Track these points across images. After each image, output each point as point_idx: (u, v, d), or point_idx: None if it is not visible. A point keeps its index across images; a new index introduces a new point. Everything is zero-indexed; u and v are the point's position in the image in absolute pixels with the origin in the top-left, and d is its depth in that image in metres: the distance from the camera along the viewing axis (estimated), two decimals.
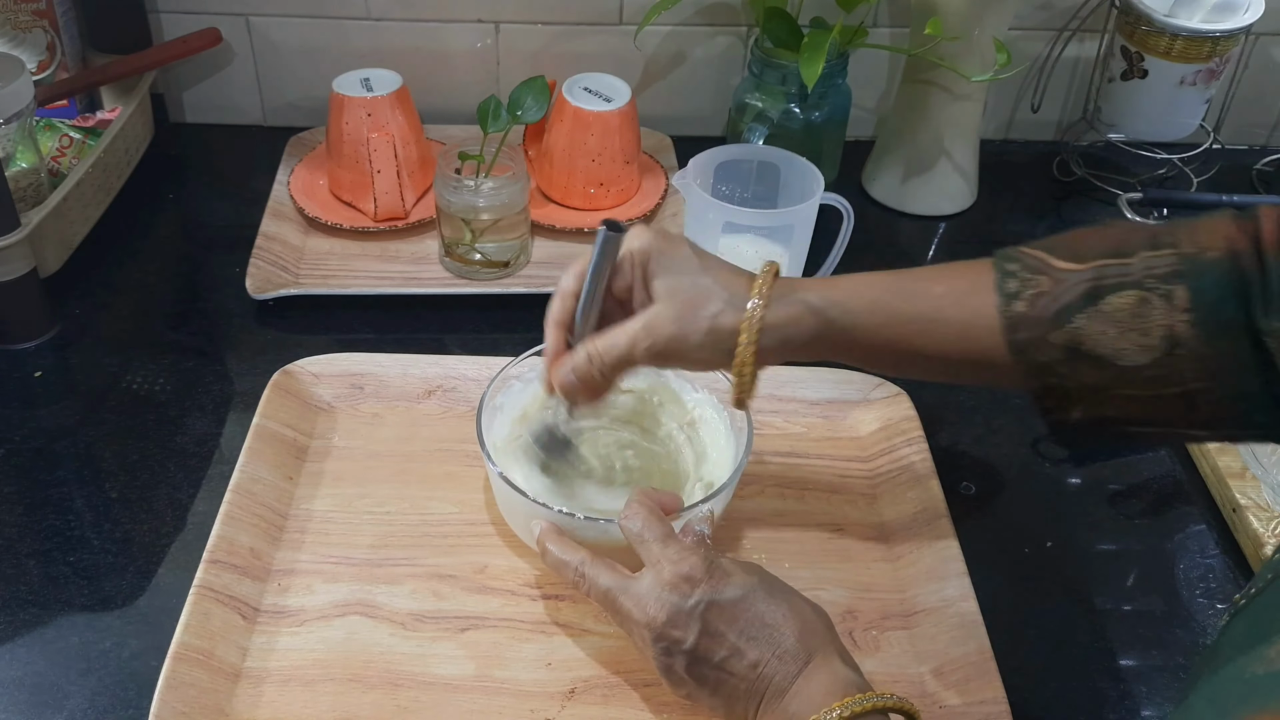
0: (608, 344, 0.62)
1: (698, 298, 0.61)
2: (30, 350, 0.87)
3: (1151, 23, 0.98)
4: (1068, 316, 0.56)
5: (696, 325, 0.61)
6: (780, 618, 0.57)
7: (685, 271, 0.62)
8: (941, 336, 0.60)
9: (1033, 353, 0.57)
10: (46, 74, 1.02)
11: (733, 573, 0.58)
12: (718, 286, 0.61)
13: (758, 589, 0.58)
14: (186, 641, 0.64)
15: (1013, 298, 0.58)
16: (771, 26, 0.96)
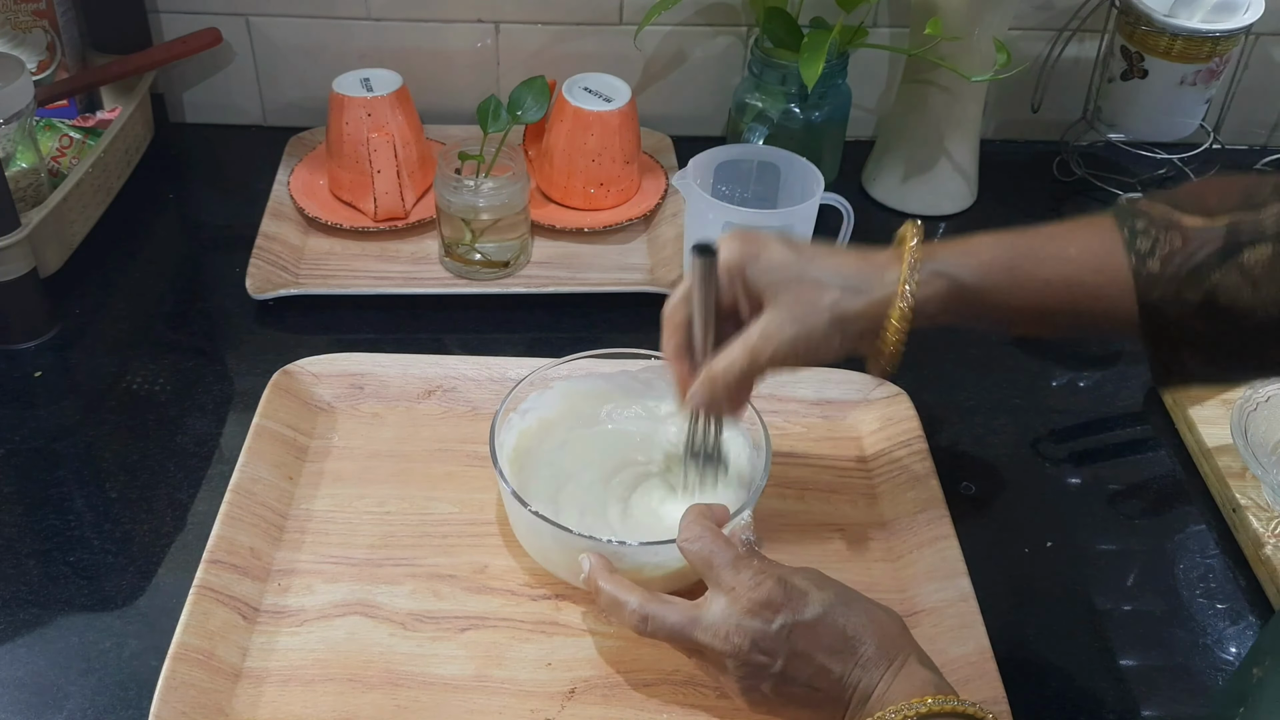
0: (726, 364, 0.61)
1: (810, 292, 0.60)
2: (30, 350, 0.87)
3: (1151, 23, 0.98)
4: (1204, 275, 0.55)
5: (818, 319, 0.60)
6: (860, 628, 0.57)
7: (786, 268, 0.61)
8: (1074, 299, 0.59)
9: (1166, 311, 0.56)
10: (46, 74, 1.02)
11: (808, 590, 0.58)
12: (826, 274, 0.60)
13: (835, 604, 0.58)
14: (186, 641, 0.64)
15: (1146, 257, 0.57)
16: (771, 26, 0.96)
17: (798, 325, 0.60)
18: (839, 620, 0.57)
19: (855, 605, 0.58)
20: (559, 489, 0.71)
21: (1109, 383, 0.89)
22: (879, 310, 0.60)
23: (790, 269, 0.61)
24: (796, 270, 0.60)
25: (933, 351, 0.91)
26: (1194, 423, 0.82)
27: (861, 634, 0.57)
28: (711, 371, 0.62)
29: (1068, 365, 0.91)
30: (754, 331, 0.61)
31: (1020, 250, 0.60)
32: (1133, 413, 0.87)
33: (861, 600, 0.59)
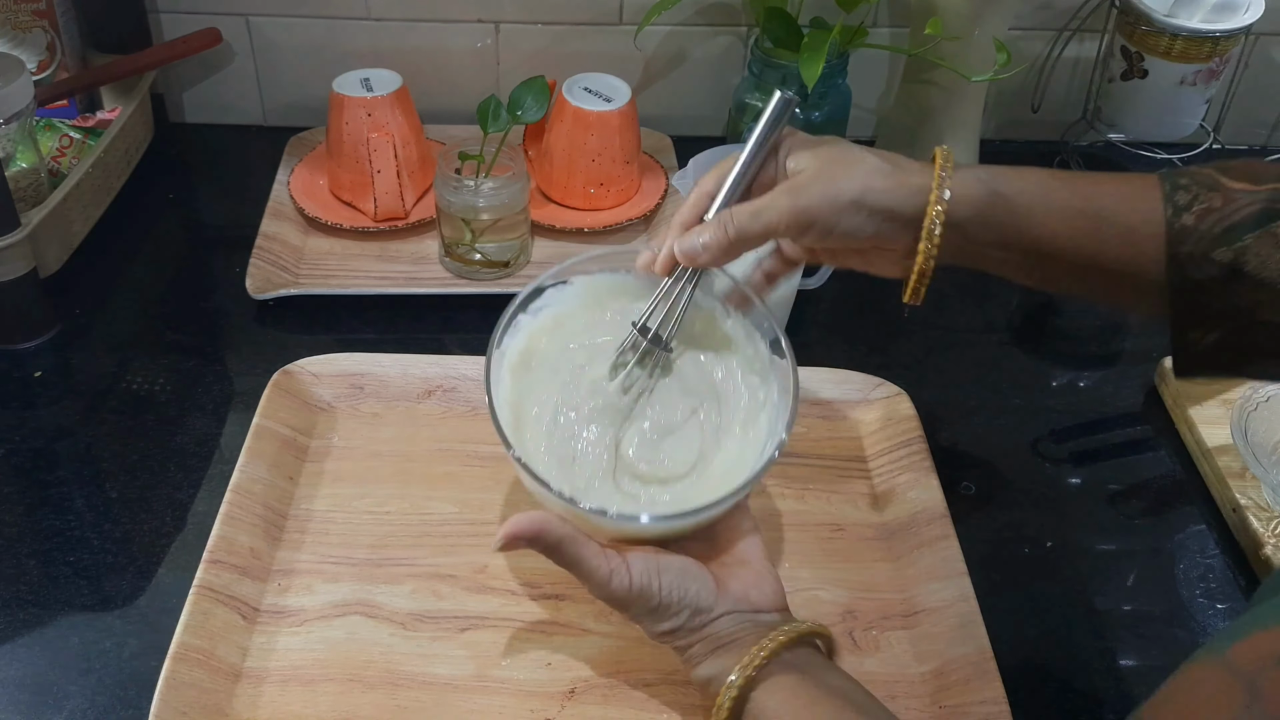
0: (748, 212, 0.60)
1: (841, 161, 0.60)
2: (30, 350, 0.87)
3: (1151, 23, 0.98)
4: (1237, 235, 0.55)
5: (849, 185, 0.59)
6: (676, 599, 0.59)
7: (827, 146, 0.61)
8: (1104, 237, 0.58)
9: (1191, 269, 0.56)
10: (46, 74, 1.02)
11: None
12: (865, 154, 0.61)
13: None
14: (186, 641, 0.64)
15: (1182, 210, 0.57)
16: (771, 26, 0.96)
17: (828, 186, 0.59)
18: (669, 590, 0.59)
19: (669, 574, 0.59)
20: (556, 414, 0.66)
21: (1109, 383, 0.89)
22: (907, 194, 0.59)
23: (831, 149, 0.61)
24: (836, 151, 0.61)
25: (933, 351, 0.91)
26: (1194, 423, 0.82)
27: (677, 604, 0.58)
28: (727, 212, 0.61)
29: (1068, 365, 0.91)
30: (779, 189, 0.60)
31: (1057, 178, 0.60)
32: (1133, 413, 0.87)
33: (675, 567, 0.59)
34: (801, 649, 0.57)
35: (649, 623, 0.59)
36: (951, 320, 0.94)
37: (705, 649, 0.58)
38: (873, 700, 0.56)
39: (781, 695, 0.55)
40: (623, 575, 0.58)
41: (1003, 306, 0.97)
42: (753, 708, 0.56)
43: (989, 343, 0.93)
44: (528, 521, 0.58)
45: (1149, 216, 0.57)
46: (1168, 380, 0.86)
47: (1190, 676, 0.38)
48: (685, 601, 0.58)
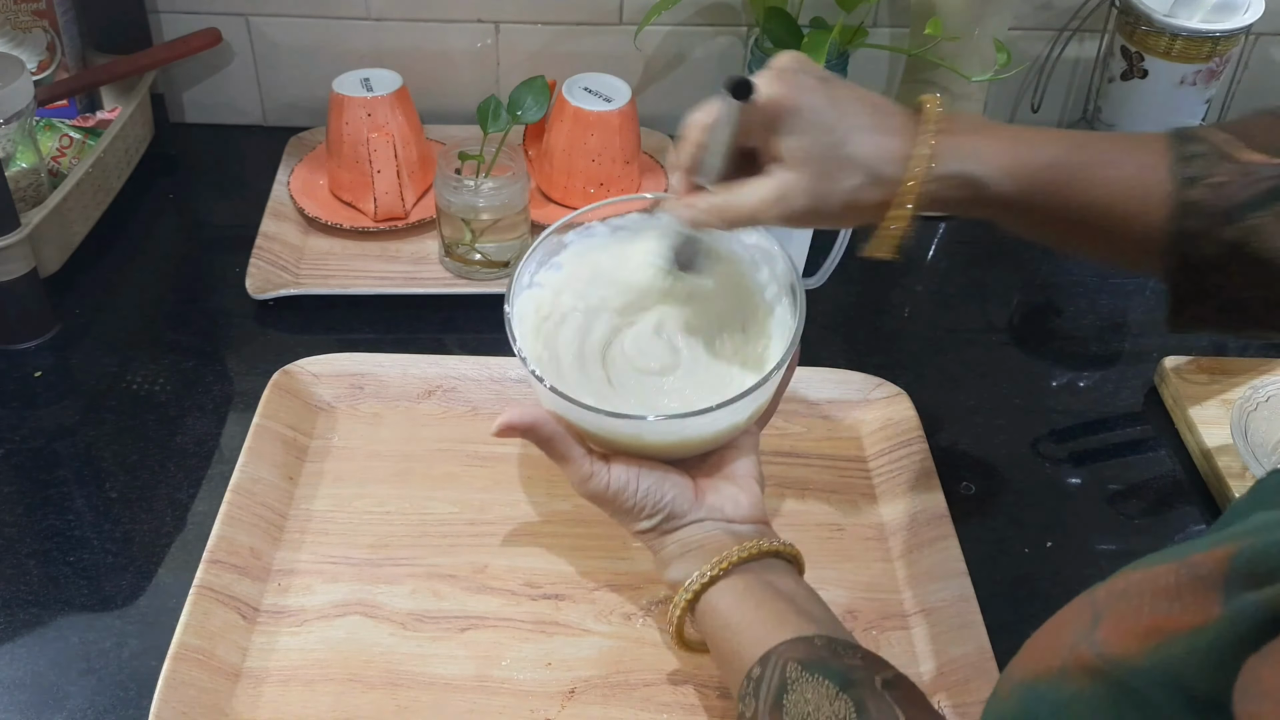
0: (735, 205, 0.60)
1: (835, 167, 0.57)
2: (30, 350, 0.87)
3: (1151, 23, 0.98)
4: (1247, 212, 0.53)
5: (834, 197, 0.58)
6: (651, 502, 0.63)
7: (820, 131, 0.57)
8: (1107, 223, 0.57)
9: (1197, 245, 0.54)
10: (46, 74, 1.02)
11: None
12: (860, 152, 0.57)
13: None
14: (186, 641, 0.64)
15: (1190, 183, 0.54)
16: (771, 26, 0.96)
17: (815, 199, 0.58)
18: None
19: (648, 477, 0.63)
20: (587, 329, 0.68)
21: (1109, 383, 0.89)
22: (902, 173, 0.58)
23: (823, 138, 0.57)
24: (829, 141, 0.57)
25: (933, 351, 0.91)
26: (1194, 423, 0.82)
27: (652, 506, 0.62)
28: (718, 202, 0.60)
29: (1068, 365, 0.91)
30: (768, 188, 0.59)
31: (1063, 168, 0.57)
32: (1133, 413, 0.87)
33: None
34: (765, 559, 0.60)
35: (625, 522, 0.64)
36: (951, 320, 0.94)
37: (675, 551, 0.62)
38: (822, 606, 0.59)
39: (731, 597, 0.59)
40: (602, 475, 0.62)
41: (1003, 306, 0.97)
42: (705, 606, 0.60)
43: (989, 343, 0.93)
44: (524, 415, 0.62)
45: (1156, 198, 0.55)
46: (1168, 380, 0.86)
47: (1066, 609, 0.40)
48: (660, 506, 0.62)
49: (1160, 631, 0.34)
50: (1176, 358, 0.87)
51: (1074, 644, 0.37)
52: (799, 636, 0.55)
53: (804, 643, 0.54)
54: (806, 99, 0.57)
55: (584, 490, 0.63)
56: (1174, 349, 0.88)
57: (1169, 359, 0.87)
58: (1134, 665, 0.34)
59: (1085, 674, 0.36)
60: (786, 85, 0.58)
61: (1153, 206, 0.56)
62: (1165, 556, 0.37)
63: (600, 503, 0.63)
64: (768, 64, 0.60)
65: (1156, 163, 0.56)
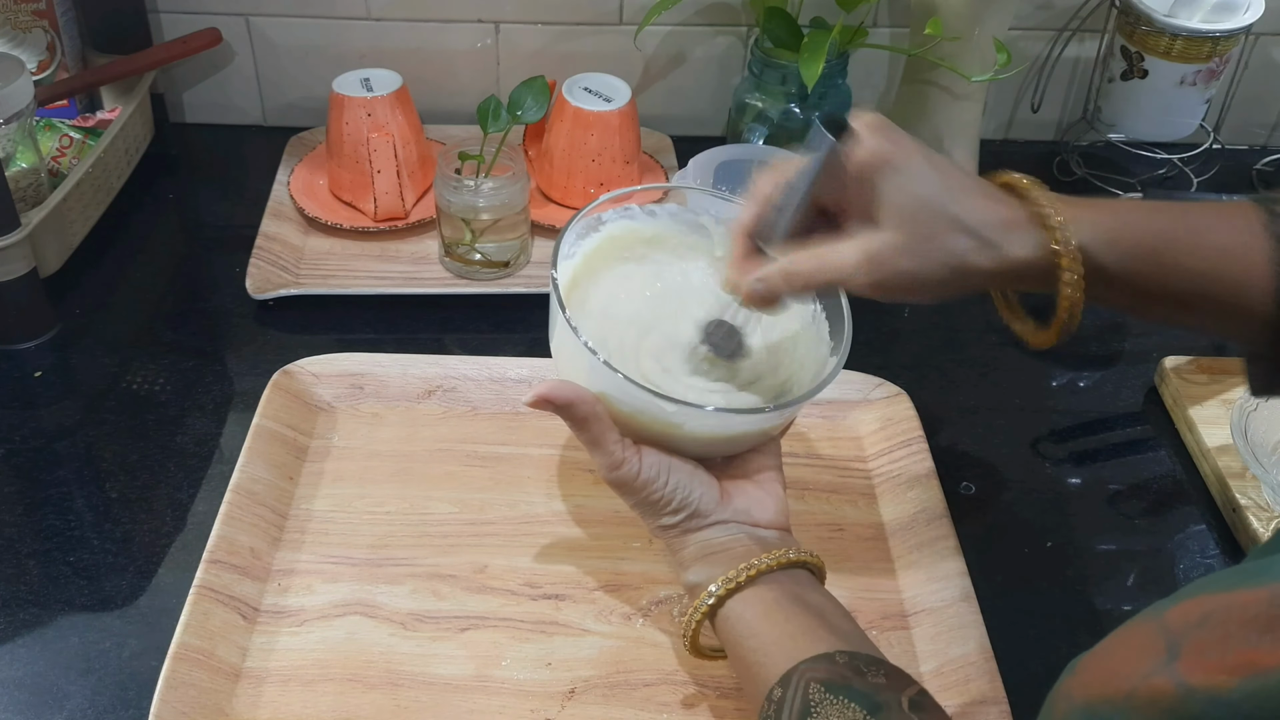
0: (814, 267, 0.56)
1: (937, 228, 0.53)
2: (30, 350, 0.87)
3: (1151, 23, 0.98)
4: None
5: (936, 261, 0.53)
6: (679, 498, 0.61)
7: (923, 191, 0.53)
8: (1212, 293, 0.55)
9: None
10: (46, 74, 1.02)
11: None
12: (964, 215, 0.53)
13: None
14: (186, 641, 0.64)
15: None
16: (771, 26, 0.96)
17: (916, 261, 0.54)
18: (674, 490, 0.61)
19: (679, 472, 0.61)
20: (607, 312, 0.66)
21: (1109, 383, 0.89)
22: (1009, 269, 0.54)
23: (928, 198, 0.53)
24: (932, 198, 0.53)
25: (933, 351, 0.91)
26: (1194, 423, 0.82)
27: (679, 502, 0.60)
28: (792, 267, 0.56)
29: (1068, 365, 0.91)
30: (857, 250, 0.54)
31: (1165, 237, 0.55)
32: (1133, 413, 0.87)
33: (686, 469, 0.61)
34: (791, 569, 0.59)
35: (648, 516, 0.61)
36: (951, 320, 0.94)
37: (697, 552, 0.60)
38: (850, 622, 0.57)
39: (759, 607, 0.57)
40: (633, 463, 0.59)
41: None
42: (729, 614, 0.58)
43: (989, 343, 0.93)
44: (563, 389, 0.59)
45: (1256, 265, 0.54)
46: (1168, 380, 0.86)
47: (1128, 631, 0.39)
48: (687, 502, 0.60)
49: (1252, 666, 0.33)
50: (1176, 358, 0.87)
51: (1148, 673, 0.35)
52: (821, 654, 0.53)
53: (826, 661, 0.52)
54: (908, 156, 0.54)
55: (612, 477, 0.60)
56: (1174, 349, 0.88)
57: (1169, 359, 0.87)
58: (1222, 699, 0.33)
59: (1159, 704, 0.35)
60: (888, 142, 0.54)
61: (1254, 268, 0.54)
62: (1243, 578, 0.35)
63: (626, 492, 0.61)
64: (854, 116, 0.55)
65: (1251, 224, 0.55)
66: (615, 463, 0.59)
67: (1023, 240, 0.54)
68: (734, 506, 0.61)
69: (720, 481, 0.62)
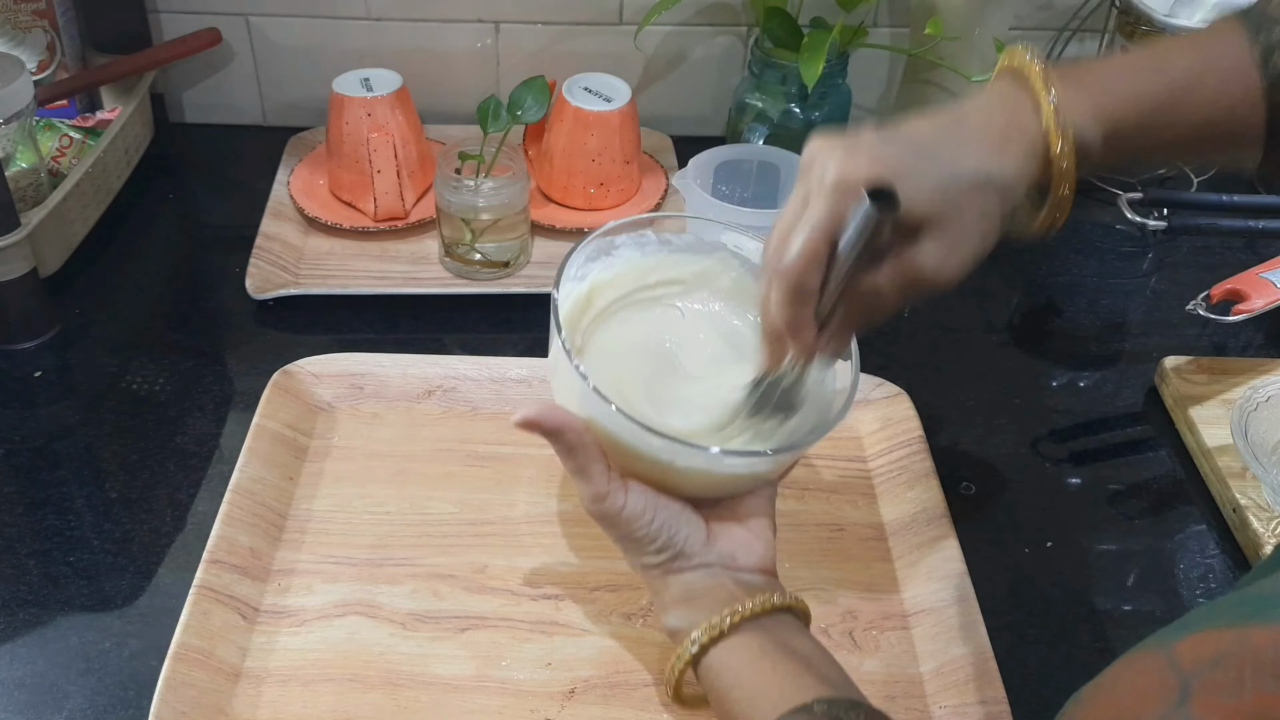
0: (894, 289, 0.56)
1: (975, 203, 0.55)
2: (30, 350, 0.87)
3: (1151, 23, 0.98)
4: None
5: (992, 225, 0.55)
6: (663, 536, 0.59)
7: (939, 187, 0.54)
8: (1207, 137, 0.57)
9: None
10: (46, 74, 1.02)
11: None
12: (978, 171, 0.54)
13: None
14: (186, 641, 0.64)
15: (1273, 50, 0.55)
16: (771, 26, 0.96)
17: (977, 241, 0.55)
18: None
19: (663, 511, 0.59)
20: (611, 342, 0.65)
21: (1109, 383, 0.89)
22: (1026, 190, 0.56)
23: (944, 186, 0.54)
24: (951, 184, 0.54)
25: (933, 351, 0.91)
26: (1194, 423, 0.82)
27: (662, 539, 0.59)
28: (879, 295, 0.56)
29: (1068, 365, 0.91)
30: (923, 261, 0.55)
31: (1153, 102, 0.56)
32: (1133, 413, 0.87)
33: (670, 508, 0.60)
34: (776, 614, 0.57)
35: (631, 553, 0.60)
36: (951, 320, 0.94)
37: (678, 595, 0.58)
38: (836, 668, 0.56)
39: (743, 655, 0.56)
40: (619, 496, 0.58)
41: (1003, 306, 0.97)
42: (714, 662, 0.56)
43: (989, 343, 0.93)
44: (552, 415, 0.58)
45: (1249, 98, 0.55)
46: (1168, 380, 0.86)
47: (1133, 665, 0.38)
48: (672, 542, 0.58)
49: (1268, 713, 0.32)
50: (1176, 358, 0.87)
51: (1162, 715, 0.35)
52: (800, 706, 0.52)
53: (805, 713, 0.51)
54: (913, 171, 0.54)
55: (596, 509, 0.59)
56: (1174, 349, 0.88)
57: (1169, 359, 0.87)
58: None
59: None
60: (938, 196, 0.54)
61: (1246, 96, 0.55)
62: (1254, 610, 0.35)
63: (610, 526, 0.59)
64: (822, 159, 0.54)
65: (1237, 47, 0.56)
66: (600, 494, 0.58)
67: (1031, 153, 0.56)
68: (719, 549, 0.59)
69: (708, 523, 0.60)
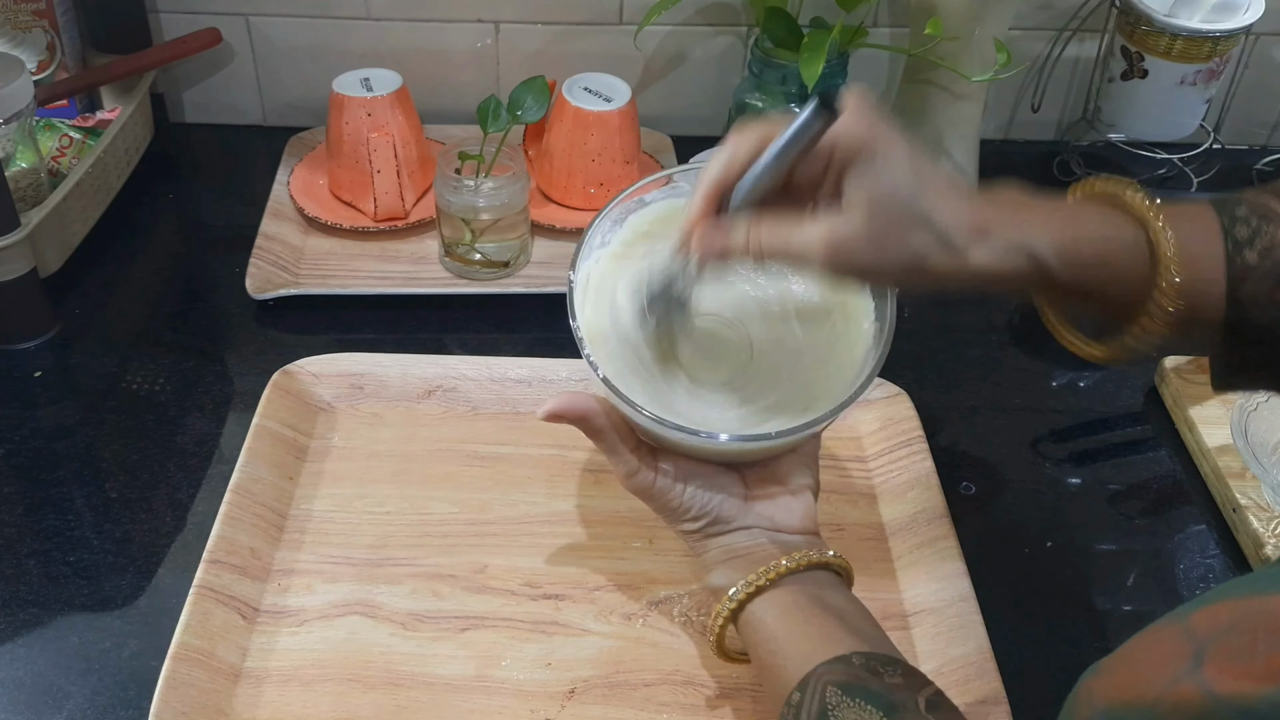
0: (778, 241, 0.54)
1: (904, 222, 0.52)
2: (30, 350, 0.87)
3: (1151, 23, 0.98)
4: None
5: (895, 257, 0.53)
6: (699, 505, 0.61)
7: (894, 184, 0.52)
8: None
9: (1253, 311, 0.52)
10: (46, 74, 1.02)
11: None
12: (932, 212, 0.52)
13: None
14: (186, 641, 0.64)
15: (1243, 246, 0.53)
16: (771, 26, 0.96)
17: (873, 254, 0.53)
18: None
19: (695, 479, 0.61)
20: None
21: (1109, 383, 0.89)
22: (970, 274, 0.53)
23: (897, 190, 0.52)
24: (904, 195, 0.52)
25: (933, 351, 0.91)
26: (1194, 423, 0.82)
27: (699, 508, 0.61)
28: (757, 234, 0.54)
29: (1068, 365, 0.91)
30: (822, 232, 0.53)
31: (1110, 242, 0.54)
32: (1133, 413, 0.87)
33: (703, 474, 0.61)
34: (814, 571, 0.59)
35: (670, 521, 0.62)
36: (951, 320, 0.94)
37: (720, 556, 0.60)
38: (873, 624, 0.57)
39: (778, 609, 0.57)
40: (649, 473, 0.60)
41: (1003, 306, 0.97)
42: (750, 617, 0.58)
43: (989, 343, 0.93)
44: (575, 404, 0.60)
45: (1209, 267, 0.53)
46: (1168, 380, 0.86)
47: (1152, 635, 0.38)
48: (706, 510, 0.60)
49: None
50: (1177, 358, 0.87)
51: (1174, 678, 0.35)
52: (838, 656, 0.53)
53: (843, 663, 0.52)
54: (889, 145, 0.53)
55: (629, 485, 0.61)
56: None
57: (1169, 359, 0.87)
58: (1250, 707, 0.33)
59: (1185, 711, 0.34)
60: (869, 123, 0.53)
61: (1208, 274, 0.53)
62: (1270, 582, 0.35)
63: (646, 499, 0.61)
64: (847, 89, 0.54)
65: (1207, 228, 0.54)
66: (631, 471, 0.60)
67: (989, 248, 0.53)
68: (757, 511, 0.61)
69: (746, 484, 0.62)
